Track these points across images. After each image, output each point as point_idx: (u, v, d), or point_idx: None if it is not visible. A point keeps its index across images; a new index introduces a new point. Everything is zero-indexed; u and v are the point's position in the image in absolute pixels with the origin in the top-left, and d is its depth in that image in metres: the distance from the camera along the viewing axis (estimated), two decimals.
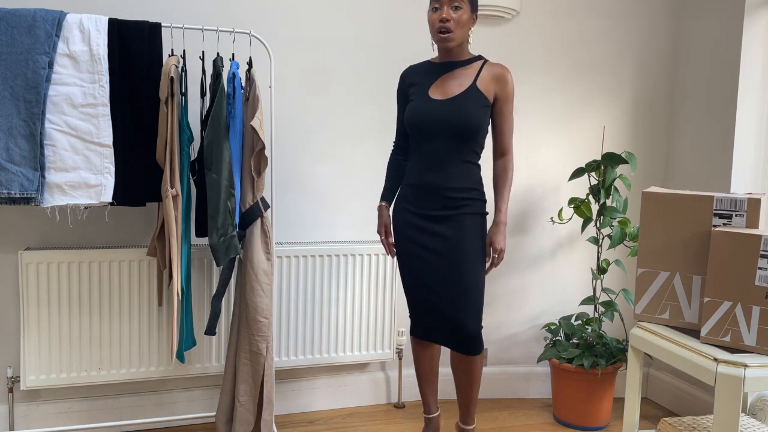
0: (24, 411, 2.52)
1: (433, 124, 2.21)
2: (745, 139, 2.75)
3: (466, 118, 2.19)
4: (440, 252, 2.24)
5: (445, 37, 2.19)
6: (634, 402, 2.06)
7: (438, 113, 2.21)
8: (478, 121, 2.21)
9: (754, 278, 1.77)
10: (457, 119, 2.19)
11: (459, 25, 2.18)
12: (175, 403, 2.71)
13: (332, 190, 2.87)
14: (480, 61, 2.29)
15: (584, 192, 3.02)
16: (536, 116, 3.05)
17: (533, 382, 3.16)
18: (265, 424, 2.43)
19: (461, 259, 2.23)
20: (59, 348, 2.44)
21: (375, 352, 2.89)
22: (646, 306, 2.05)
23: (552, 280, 3.14)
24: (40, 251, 2.40)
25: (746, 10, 2.69)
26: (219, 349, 2.65)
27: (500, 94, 2.26)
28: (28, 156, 2.10)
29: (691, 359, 1.82)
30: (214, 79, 2.28)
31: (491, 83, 2.25)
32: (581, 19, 3.05)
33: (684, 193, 1.97)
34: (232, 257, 2.34)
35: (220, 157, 2.22)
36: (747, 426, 2.02)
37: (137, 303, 2.52)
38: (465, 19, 2.18)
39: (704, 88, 2.93)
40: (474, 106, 2.21)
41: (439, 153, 2.23)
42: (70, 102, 2.14)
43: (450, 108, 2.20)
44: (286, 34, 2.73)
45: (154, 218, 2.58)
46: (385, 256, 2.84)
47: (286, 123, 2.77)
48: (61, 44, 2.13)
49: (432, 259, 2.25)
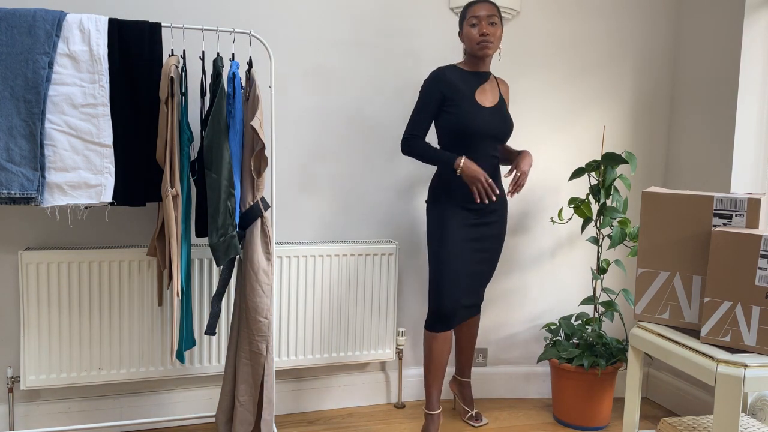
0: (24, 411, 2.52)
1: (488, 130, 2.51)
2: (745, 139, 2.75)
3: (509, 123, 2.59)
4: (491, 243, 2.61)
5: (485, 46, 2.48)
6: (634, 402, 2.06)
7: (490, 119, 2.52)
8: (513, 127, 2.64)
9: (754, 278, 1.77)
10: (504, 125, 2.56)
11: (496, 39, 2.50)
12: (175, 403, 2.72)
13: (332, 189, 2.87)
14: (491, 75, 2.63)
15: (584, 192, 3.02)
16: (536, 116, 3.05)
17: (533, 382, 3.16)
18: (265, 424, 2.43)
19: (498, 248, 2.68)
20: (59, 348, 2.44)
21: (375, 352, 2.89)
22: (646, 306, 2.05)
23: (552, 280, 3.14)
24: (40, 251, 2.40)
25: (746, 10, 2.69)
26: (219, 349, 2.65)
27: (507, 102, 2.69)
28: (28, 156, 2.10)
29: (691, 359, 1.82)
30: (214, 79, 2.28)
31: (505, 93, 2.66)
32: (581, 19, 3.05)
33: (684, 193, 1.97)
34: (232, 257, 2.34)
35: (220, 157, 2.22)
36: (747, 426, 2.02)
37: (137, 303, 2.52)
38: (499, 34, 2.51)
39: (704, 88, 2.93)
40: (508, 112, 2.62)
41: (483, 156, 2.52)
42: (70, 102, 2.14)
43: (498, 115, 2.55)
44: (286, 34, 2.73)
45: (154, 218, 2.58)
46: (385, 256, 2.84)
47: (286, 123, 2.77)
48: (61, 44, 2.13)
49: (484, 249, 2.59)
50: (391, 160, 2.91)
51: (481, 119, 2.49)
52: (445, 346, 2.55)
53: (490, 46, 2.48)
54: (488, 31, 2.46)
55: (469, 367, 2.87)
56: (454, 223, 2.52)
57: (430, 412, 2.57)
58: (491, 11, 2.48)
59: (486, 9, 2.48)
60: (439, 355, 2.54)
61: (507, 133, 2.58)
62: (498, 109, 2.55)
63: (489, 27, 2.46)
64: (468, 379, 2.87)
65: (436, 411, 2.58)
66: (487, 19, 2.46)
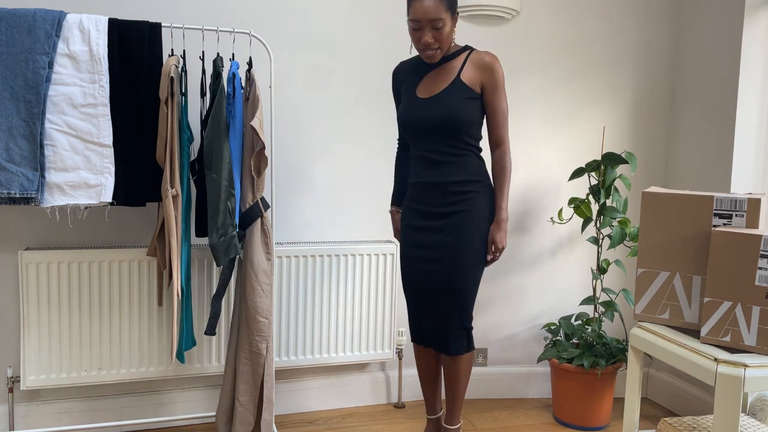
0: (24, 411, 2.52)
1: (421, 123, 2.22)
2: (745, 139, 2.75)
3: (449, 112, 2.17)
4: (440, 253, 2.24)
5: (430, 55, 2.18)
6: (634, 402, 2.06)
7: (423, 111, 2.21)
8: (461, 114, 2.18)
9: (754, 278, 1.77)
10: (440, 115, 2.18)
11: (443, 41, 2.15)
12: (175, 403, 2.71)
13: (332, 190, 2.87)
14: (466, 52, 2.26)
15: (584, 192, 3.02)
16: (536, 116, 3.05)
17: (533, 382, 3.16)
18: (265, 424, 2.43)
19: (459, 261, 2.23)
20: (59, 348, 2.44)
21: (375, 352, 2.89)
22: (646, 306, 2.05)
23: (552, 280, 3.14)
24: (40, 251, 2.40)
25: (746, 10, 2.69)
26: (219, 349, 2.65)
27: (487, 82, 2.22)
28: (28, 156, 2.10)
29: (691, 359, 1.82)
30: (214, 79, 2.28)
31: (476, 73, 2.21)
32: (581, 19, 3.05)
33: (684, 193, 1.97)
34: (232, 257, 2.34)
35: (220, 157, 2.22)
36: (747, 426, 2.02)
37: (137, 303, 2.52)
38: (447, 32, 2.15)
39: (704, 88, 2.93)
40: (456, 99, 2.19)
41: (432, 150, 2.23)
42: (70, 102, 2.14)
43: (433, 105, 2.20)
44: (286, 34, 2.73)
45: (154, 218, 2.58)
46: (384, 256, 2.84)
47: (286, 123, 2.77)
48: (61, 44, 2.13)
49: (431, 260, 2.26)
50: (391, 160, 2.91)
51: (411, 113, 2.24)
52: (423, 355, 2.44)
53: (436, 54, 2.16)
54: (432, 38, 2.12)
55: (449, 410, 2.40)
56: (404, 225, 2.35)
57: (430, 416, 2.53)
58: (436, 12, 2.08)
59: (429, 11, 2.08)
60: (421, 362, 2.47)
61: (444, 121, 2.18)
62: (438, 97, 2.19)
63: (433, 32, 2.12)
64: (451, 427, 2.41)
65: (435, 415, 2.51)
66: (430, 24, 2.10)
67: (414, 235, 2.30)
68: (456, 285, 2.24)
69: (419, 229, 2.29)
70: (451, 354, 2.31)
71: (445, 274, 2.24)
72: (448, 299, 2.25)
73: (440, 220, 2.24)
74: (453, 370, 2.35)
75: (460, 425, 2.44)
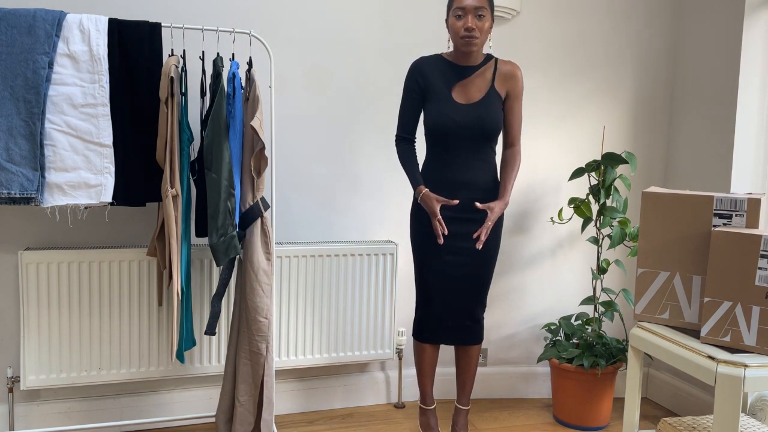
0: (24, 411, 2.52)
1: (461, 129, 2.32)
2: (745, 139, 2.75)
3: (490, 121, 2.33)
4: (468, 254, 2.38)
5: (470, 42, 2.27)
6: (634, 402, 2.06)
7: (463, 117, 2.32)
8: (499, 124, 2.38)
9: (754, 278, 1.77)
10: (482, 122, 2.32)
11: (483, 33, 2.28)
12: (175, 403, 2.72)
13: (332, 190, 2.87)
14: (492, 61, 2.40)
15: (584, 192, 3.02)
16: (536, 116, 3.05)
17: (533, 382, 3.16)
18: (265, 424, 2.43)
19: (486, 261, 2.43)
20: (59, 348, 2.44)
21: (375, 352, 2.89)
22: (646, 306, 2.05)
23: (552, 280, 3.14)
24: (40, 251, 2.40)
25: (746, 10, 2.69)
26: (219, 349, 2.65)
27: (511, 91, 2.40)
28: (28, 156, 2.10)
29: (691, 359, 1.82)
30: (214, 79, 2.28)
31: (504, 82, 2.39)
32: (581, 19, 3.05)
33: (684, 193, 1.97)
34: (232, 257, 2.34)
35: (220, 157, 2.22)
36: (747, 426, 2.02)
37: (137, 303, 2.52)
38: (487, 27, 2.29)
39: (704, 88, 2.93)
40: (496, 109, 2.36)
41: (464, 155, 2.35)
42: (70, 102, 2.14)
43: (475, 112, 2.33)
44: (286, 34, 2.73)
45: (154, 218, 2.58)
46: (384, 256, 2.84)
47: (286, 123, 2.77)
48: (61, 44, 2.13)
49: (460, 262, 2.39)
50: (391, 159, 2.91)
51: (448, 117, 2.31)
52: (429, 352, 2.51)
53: (475, 42, 2.27)
54: (474, 25, 2.24)
55: (465, 394, 2.58)
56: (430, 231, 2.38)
57: (427, 407, 2.57)
58: (480, 2, 2.24)
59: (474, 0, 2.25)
60: (427, 359, 2.52)
61: (487, 131, 2.34)
62: (479, 105, 2.33)
63: (475, 20, 2.24)
64: (467, 408, 2.60)
65: (432, 406, 2.57)
66: (474, 11, 2.23)
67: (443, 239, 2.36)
68: (484, 276, 2.45)
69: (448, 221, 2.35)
70: (476, 343, 2.51)
71: (471, 276, 2.41)
72: (477, 291, 2.44)
73: (467, 224, 2.37)
74: (472, 358, 2.53)
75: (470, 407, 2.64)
